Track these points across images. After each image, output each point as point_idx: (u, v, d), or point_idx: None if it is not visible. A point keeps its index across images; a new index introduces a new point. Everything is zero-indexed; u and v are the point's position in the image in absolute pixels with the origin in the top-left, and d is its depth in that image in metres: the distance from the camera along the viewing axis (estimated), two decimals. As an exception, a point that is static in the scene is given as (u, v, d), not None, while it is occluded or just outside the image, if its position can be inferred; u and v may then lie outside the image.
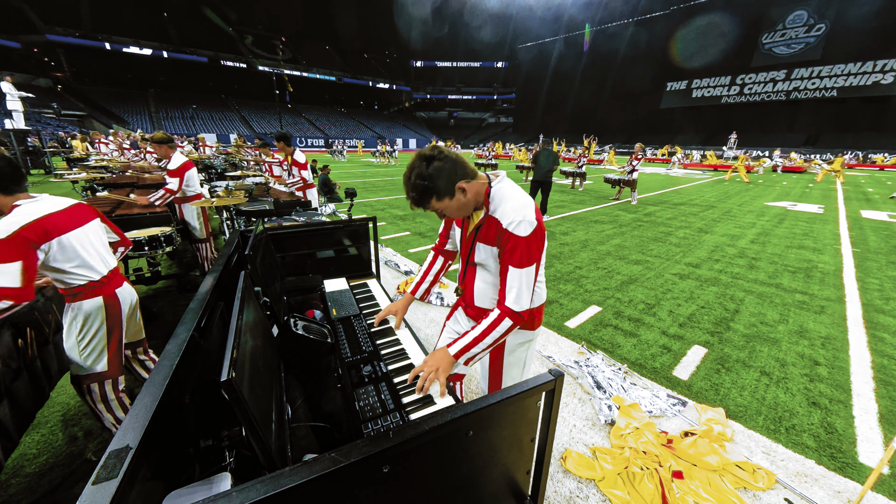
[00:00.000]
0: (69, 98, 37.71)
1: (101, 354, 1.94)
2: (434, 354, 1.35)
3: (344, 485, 0.72)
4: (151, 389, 0.86)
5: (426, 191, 1.23)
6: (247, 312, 1.13)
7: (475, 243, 1.40)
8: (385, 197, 11.17)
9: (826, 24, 37.26)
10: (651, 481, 1.89)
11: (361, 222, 2.58)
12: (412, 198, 1.26)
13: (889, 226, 8.08)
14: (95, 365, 1.93)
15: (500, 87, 76.94)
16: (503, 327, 1.28)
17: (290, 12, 60.45)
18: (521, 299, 1.27)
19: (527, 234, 1.23)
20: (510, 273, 1.27)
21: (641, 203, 10.72)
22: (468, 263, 1.49)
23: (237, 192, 4.75)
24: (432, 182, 1.21)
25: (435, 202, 1.26)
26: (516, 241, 1.24)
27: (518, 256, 1.25)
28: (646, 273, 4.98)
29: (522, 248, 1.24)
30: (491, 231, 1.33)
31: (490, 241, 1.34)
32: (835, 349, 3.23)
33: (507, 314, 1.28)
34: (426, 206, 1.27)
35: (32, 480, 1.92)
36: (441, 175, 1.21)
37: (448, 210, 1.29)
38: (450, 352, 1.33)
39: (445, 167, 1.22)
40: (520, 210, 1.26)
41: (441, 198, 1.25)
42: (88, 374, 1.93)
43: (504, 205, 1.30)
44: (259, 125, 46.35)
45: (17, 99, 14.17)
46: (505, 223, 1.26)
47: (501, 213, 1.29)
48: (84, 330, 1.88)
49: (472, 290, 1.51)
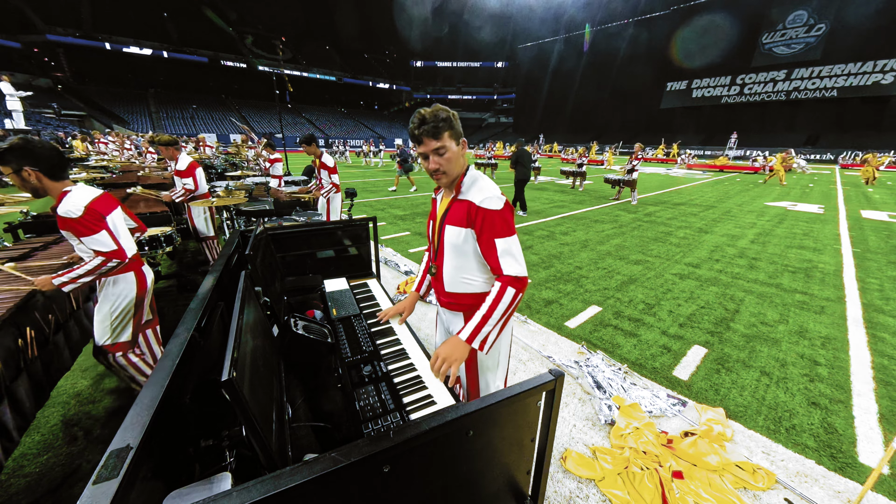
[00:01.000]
0: (69, 98, 37.69)
1: (128, 325, 2.21)
2: (446, 343, 1.35)
3: (344, 485, 0.72)
4: (152, 389, 0.86)
5: (447, 120, 1.31)
6: (247, 312, 1.13)
7: (444, 226, 1.46)
8: (385, 197, 11.17)
9: (826, 24, 37.23)
10: (651, 481, 1.89)
11: (361, 222, 2.58)
12: (430, 122, 1.30)
13: (889, 226, 8.08)
14: (121, 335, 2.20)
15: (500, 87, 76.91)
16: (508, 296, 1.31)
17: (290, 12, 60.43)
18: (517, 264, 1.33)
19: (500, 207, 1.33)
20: (498, 244, 1.33)
21: (641, 203, 10.72)
22: (438, 247, 1.52)
23: (237, 192, 4.75)
24: (453, 118, 1.34)
25: (446, 137, 1.32)
26: (493, 215, 1.33)
27: (500, 228, 1.33)
28: (646, 273, 4.98)
29: (500, 220, 1.33)
30: (461, 212, 1.40)
31: (461, 222, 1.40)
32: (835, 349, 3.23)
33: (509, 282, 1.32)
34: (439, 134, 1.31)
35: (32, 480, 1.92)
36: (457, 119, 1.37)
37: (449, 153, 1.34)
38: (461, 337, 1.33)
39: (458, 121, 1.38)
40: (489, 189, 1.37)
41: (452, 136, 1.34)
42: (114, 343, 2.19)
43: (473, 187, 1.40)
44: (259, 125, 46.38)
45: (17, 99, 14.16)
46: (478, 201, 1.35)
47: (472, 195, 1.38)
48: (117, 301, 2.14)
49: (442, 275, 1.53)
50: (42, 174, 1.84)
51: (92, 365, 2.89)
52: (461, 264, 1.46)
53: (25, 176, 1.81)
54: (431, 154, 1.34)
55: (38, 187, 1.87)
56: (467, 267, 1.46)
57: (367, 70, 71.22)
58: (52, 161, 1.85)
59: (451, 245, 1.45)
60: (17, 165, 1.78)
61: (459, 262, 1.46)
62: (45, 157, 1.83)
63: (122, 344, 2.21)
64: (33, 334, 1.99)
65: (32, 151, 1.80)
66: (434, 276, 1.61)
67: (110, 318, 2.14)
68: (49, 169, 1.85)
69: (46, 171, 1.85)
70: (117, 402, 2.51)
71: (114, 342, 2.19)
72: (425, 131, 1.30)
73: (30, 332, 1.97)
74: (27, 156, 1.79)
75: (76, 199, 1.89)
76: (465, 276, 1.48)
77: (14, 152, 1.77)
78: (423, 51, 74.60)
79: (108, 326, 2.15)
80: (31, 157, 1.80)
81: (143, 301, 2.27)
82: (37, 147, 1.81)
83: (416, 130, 1.32)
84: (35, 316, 2.05)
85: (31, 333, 1.98)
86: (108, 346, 2.18)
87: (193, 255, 5.55)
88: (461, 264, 1.46)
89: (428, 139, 1.31)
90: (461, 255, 1.45)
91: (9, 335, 1.82)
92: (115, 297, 2.14)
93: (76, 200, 1.88)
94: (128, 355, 2.25)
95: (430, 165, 1.37)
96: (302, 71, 60.07)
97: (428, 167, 1.37)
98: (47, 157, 1.83)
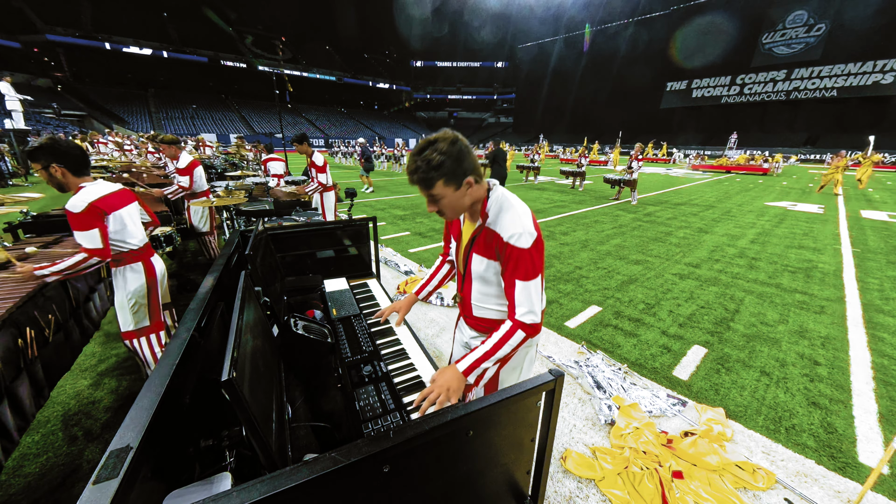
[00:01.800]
0: (69, 98, 37.69)
1: (145, 310, 2.38)
2: (444, 373, 1.26)
3: (344, 485, 0.72)
4: (152, 389, 0.86)
5: (440, 167, 1.13)
6: (247, 312, 1.13)
7: (471, 254, 1.38)
8: (385, 197, 11.17)
9: (826, 24, 37.25)
10: (651, 481, 1.89)
11: (361, 222, 2.58)
12: (419, 170, 1.15)
13: (889, 226, 8.08)
14: (143, 320, 2.38)
15: (500, 87, 76.93)
16: (515, 340, 1.25)
17: (290, 12, 60.45)
18: (532, 311, 1.24)
19: (529, 245, 1.21)
20: (517, 287, 1.24)
21: (641, 203, 10.72)
22: (465, 274, 1.47)
23: (237, 192, 4.76)
24: (450, 161, 1.14)
25: (441, 185, 1.17)
26: (520, 254, 1.21)
27: (523, 269, 1.22)
28: (646, 273, 4.98)
29: (526, 260, 1.22)
30: (490, 244, 1.29)
31: (489, 254, 1.31)
32: (835, 349, 3.23)
33: (520, 326, 1.25)
34: (431, 185, 1.17)
35: (32, 480, 1.92)
36: (460, 159, 1.15)
37: (446, 200, 1.22)
38: (459, 368, 1.27)
39: (465, 154, 1.17)
40: (519, 221, 1.23)
41: (448, 183, 1.17)
42: (138, 328, 2.36)
43: (503, 216, 1.27)
44: (259, 125, 46.38)
45: (16, 99, 14.14)
46: (506, 236, 1.23)
47: (501, 227, 1.25)
48: (130, 290, 2.31)
49: (469, 299, 1.49)
50: (67, 170, 2.03)
51: (92, 365, 2.89)
52: (488, 291, 1.42)
53: (53, 172, 2.00)
54: (427, 198, 1.24)
55: (63, 182, 2.05)
56: (494, 294, 1.42)
57: (367, 70, 71.23)
58: (77, 159, 2.05)
59: (478, 275, 1.40)
60: (46, 162, 1.97)
61: (486, 290, 1.42)
62: (70, 155, 2.02)
63: (143, 329, 2.40)
64: (33, 334, 1.99)
65: (60, 150, 1.99)
66: (460, 303, 1.58)
67: (127, 306, 2.32)
68: (73, 166, 2.04)
69: (71, 168, 2.04)
70: (117, 402, 2.51)
71: (136, 327, 2.37)
72: (416, 181, 1.19)
73: (30, 332, 1.97)
74: (55, 153, 1.98)
75: (83, 196, 2.02)
76: (492, 304, 1.44)
77: (44, 150, 1.96)
78: (423, 51, 74.62)
79: (129, 314, 2.33)
80: (58, 155, 1.99)
81: (154, 288, 2.42)
82: (63, 146, 2.01)
83: (410, 177, 1.21)
84: (35, 316, 2.05)
85: (31, 333, 1.98)
86: (132, 332, 2.36)
87: (193, 255, 5.55)
88: (488, 291, 1.42)
89: (420, 188, 1.21)
90: (488, 284, 1.40)
91: (9, 335, 1.82)
92: (127, 286, 2.31)
93: (83, 196, 2.02)
94: (151, 340, 2.43)
95: (429, 208, 1.28)
96: (302, 71, 60.08)
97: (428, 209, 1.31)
98: (73, 156, 2.03)
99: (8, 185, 11.86)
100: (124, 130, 32.84)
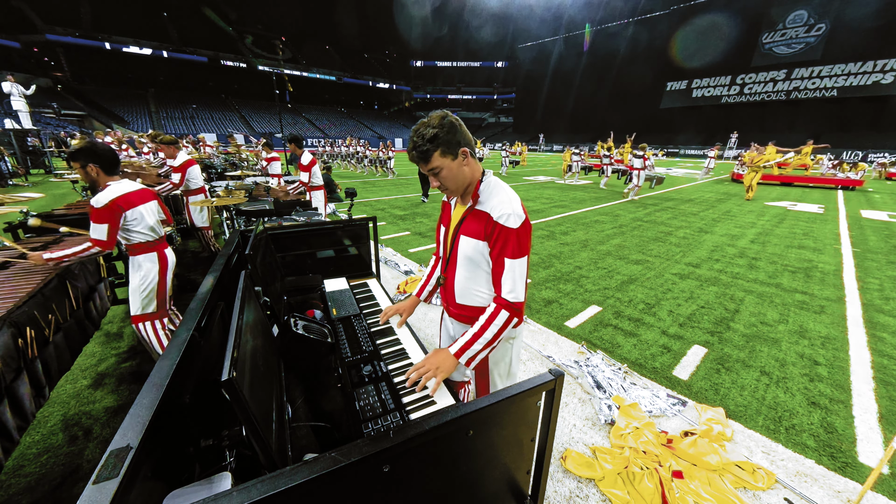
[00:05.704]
0: (69, 98, 37.67)
1: (153, 297, 2.59)
2: (437, 354, 1.34)
3: (344, 485, 0.72)
4: (152, 389, 0.86)
5: (434, 140, 1.23)
6: (247, 312, 1.13)
7: (459, 236, 1.41)
8: (385, 197, 11.17)
9: (826, 24, 37.21)
10: (651, 481, 1.89)
11: (361, 222, 2.58)
12: (416, 145, 1.25)
13: (889, 226, 8.08)
14: (149, 306, 2.58)
15: (500, 86, 76.86)
16: (500, 320, 1.30)
17: (290, 12, 60.39)
18: (515, 290, 1.30)
19: (517, 226, 1.27)
20: (505, 265, 1.29)
21: (642, 203, 10.73)
22: (450, 257, 1.49)
23: (237, 192, 4.76)
24: (443, 132, 1.23)
25: (438, 156, 1.26)
26: (508, 233, 1.28)
27: (511, 248, 1.28)
28: (646, 273, 4.98)
29: (514, 240, 1.28)
30: (479, 225, 1.34)
31: (477, 234, 1.35)
32: (835, 349, 3.23)
33: (504, 306, 1.30)
34: (428, 157, 1.26)
35: (32, 480, 1.92)
36: (452, 130, 1.25)
37: (445, 171, 1.29)
38: (451, 351, 1.33)
39: (457, 127, 1.27)
40: (509, 203, 1.30)
41: (445, 154, 1.26)
42: (144, 313, 2.57)
43: (493, 199, 1.33)
44: (259, 125, 46.35)
45: (22, 98, 14.09)
46: (495, 216, 1.29)
47: (491, 207, 1.32)
48: (143, 275, 2.54)
49: (453, 286, 1.50)
50: (101, 170, 2.30)
51: (92, 365, 2.89)
52: (473, 276, 1.43)
53: (89, 171, 2.27)
54: (429, 174, 1.32)
55: (96, 181, 2.32)
56: (479, 279, 1.42)
57: (367, 70, 71.17)
58: (110, 160, 2.33)
59: (464, 256, 1.41)
60: (85, 162, 2.24)
61: (471, 274, 1.43)
62: (105, 157, 2.31)
63: (149, 315, 2.59)
64: (33, 334, 1.99)
65: (96, 152, 2.27)
66: (443, 287, 1.57)
67: (139, 291, 2.53)
68: (107, 166, 2.32)
69: (105, 168, 2.31)
70: (117, 402, 2.51)
71: (142, 312, 2.57)
72: (415, 157, 1.28)
73: (30, 332, 1.97)
74: (92, 155, 2.26)
75: (107, 193, 2.27)
76: (477, 288, 1.44)
77: (84, 152, 2.24)
78: (423, 50, 74.55)
79: (139, 298, 2.54)
80: (95, 156, 2.26)
81: (165, 278, 2.64)
82: (100, 148, 2.29)
83: (409, 155, 1.29)
84: (35, 315, 2.05)
85: (32, 333, 1.98)
86: (139, 316, 2.57)
87: (194, 254, 5.56)
88: (473, 276, 1.43)
89: (420, 164, 1.30)
90: (474, 267, 1.41)
91: (9, 335, 1.82)
92: (141, 273, 2.53)
93: (107, 194, 2.26)
94: (155, 325, 2.63)
95: (433, 184, 1.36)
96: (302, 71, 60.03)
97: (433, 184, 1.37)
98: (107, 157, 2.31)
99: (8, 185, 11.86)
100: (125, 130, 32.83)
